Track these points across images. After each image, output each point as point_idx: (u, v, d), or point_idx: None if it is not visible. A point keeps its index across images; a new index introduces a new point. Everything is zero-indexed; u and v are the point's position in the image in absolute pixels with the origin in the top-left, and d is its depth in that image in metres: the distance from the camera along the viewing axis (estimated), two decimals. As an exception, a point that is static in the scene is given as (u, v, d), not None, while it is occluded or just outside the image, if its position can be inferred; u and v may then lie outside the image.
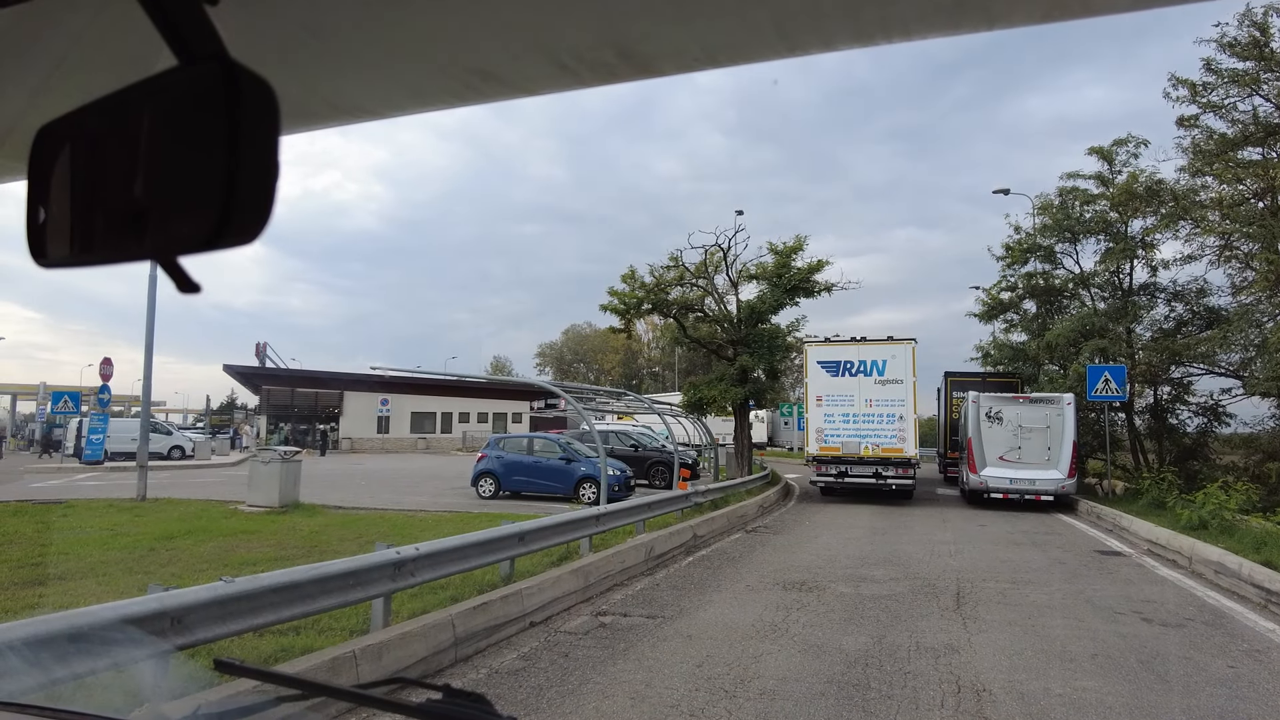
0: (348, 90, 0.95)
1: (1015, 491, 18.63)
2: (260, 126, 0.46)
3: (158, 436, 29.63)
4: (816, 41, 0.83)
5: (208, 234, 0.45)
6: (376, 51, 0.88)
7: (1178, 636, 7.33)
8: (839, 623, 7.53)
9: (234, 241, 0.46)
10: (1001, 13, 0.75)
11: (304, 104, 0.97)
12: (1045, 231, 23.86)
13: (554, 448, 18.79)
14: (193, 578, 7.50)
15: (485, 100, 0.95)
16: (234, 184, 0.44)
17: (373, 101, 0.97)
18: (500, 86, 0.92)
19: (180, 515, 13.23)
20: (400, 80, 0.94)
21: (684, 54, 0.85)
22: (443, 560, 6.78)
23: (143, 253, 0.49)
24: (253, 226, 0.46)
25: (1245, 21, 17.99)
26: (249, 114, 0.46)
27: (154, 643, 4.13)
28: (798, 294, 22.83)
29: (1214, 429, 21.67)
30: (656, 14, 0.79)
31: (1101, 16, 0.79)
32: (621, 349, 73.36)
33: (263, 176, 0.46)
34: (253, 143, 0.46)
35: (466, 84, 0.92)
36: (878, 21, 0.78)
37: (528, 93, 0.94)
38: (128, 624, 3.95)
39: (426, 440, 45.60)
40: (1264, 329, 18.12)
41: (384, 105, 0.97)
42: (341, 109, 0.99)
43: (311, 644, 5.58)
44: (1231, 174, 18.70)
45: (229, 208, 0.44)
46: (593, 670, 5.98)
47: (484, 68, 0.89)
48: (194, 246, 0.46)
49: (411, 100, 0.98)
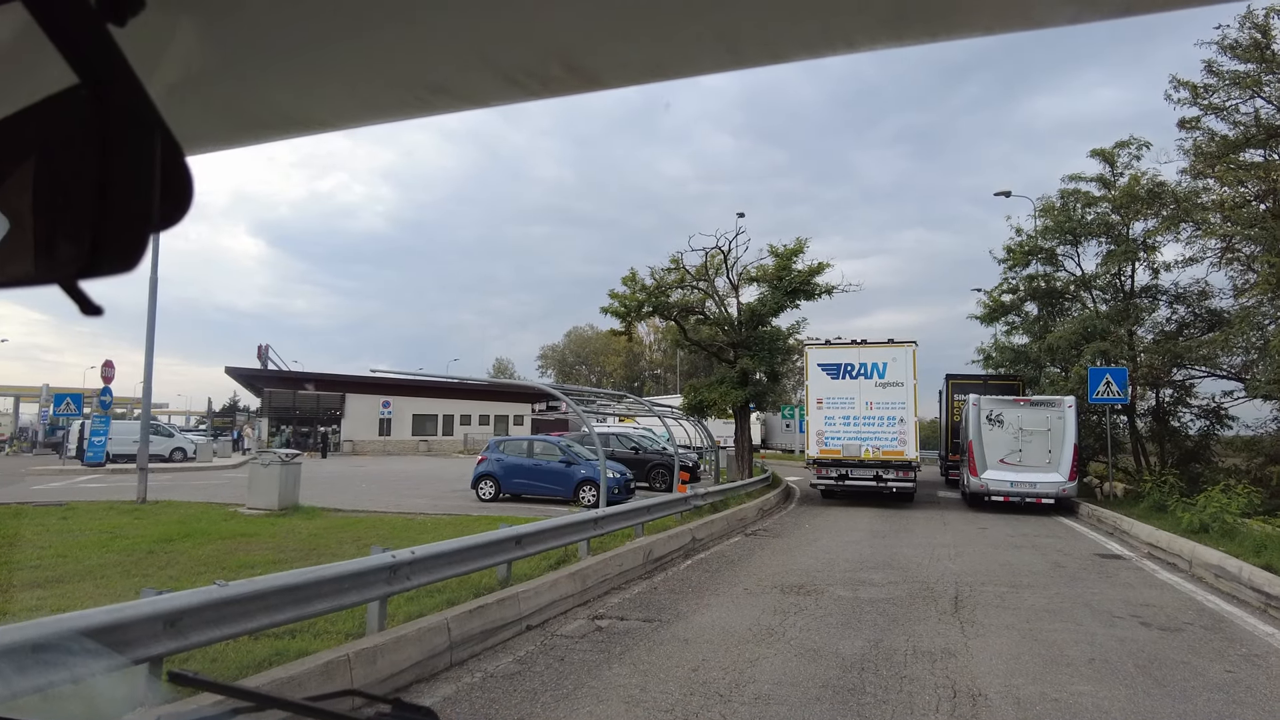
0: (300, 103, 0.95)
1: (1016, 494, 18.58)
2: (140, 152, 0.46)
3: (159, 439, 29.69)
4: (762, 54, 0.83)
5: (85, 261, 0.45)
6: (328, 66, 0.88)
7: (1176, 641, 7.30)
8: (836, 626, 7.52)
9: (108, 269, 0.46)
10: (942, 27, 0.75)
11: (256, 115, 0.97)
12: (1047, 234, 23.81)
13: (554, 450, 18.80)
14: (190, 581, 7.51)
15: (437, 112, 0.95)
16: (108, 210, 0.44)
17: (325, 114, 0.97)
18: (451, 99, 0.92)
19: (180, 518, 13.25)
20: (352, 94, 0.94)
21: (630, 67, 0.85)
22: (439, 564, 6.79)
23: (34, 278, 0.49)
24: (128, 254, 0.46)
25: (1246, 23, 17.97)
26: (133, 139, 0.45)
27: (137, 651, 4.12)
28: (798, 296, 22.81)
29: (1216, 432, 21.58)
30: (601, 29, 0.80)
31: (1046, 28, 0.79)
32: (623, 351, 73.38)
33: (140, 203, 0.45)
34: (133, 168, 0.45)
35: (418, 97, 0.92)
36: (820, 34, 0.78)
37: (479, 105, 0.95)
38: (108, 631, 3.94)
39: (428, 442, 45.63)
40: (1266, 331, 18.05)
41: (337, 117, 0.98)
42: (295, 121, 0.99)
43: (307, 647, 5.58)
44: (1233, 176, 18.64)
45: (103, 234, 0.44)
46: (588, 674, 5.97)
47: (434, 82, 0.90)
48: (73, 272, 0.46)
49: (364, 113, 0.99)
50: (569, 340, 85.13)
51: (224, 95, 0.92)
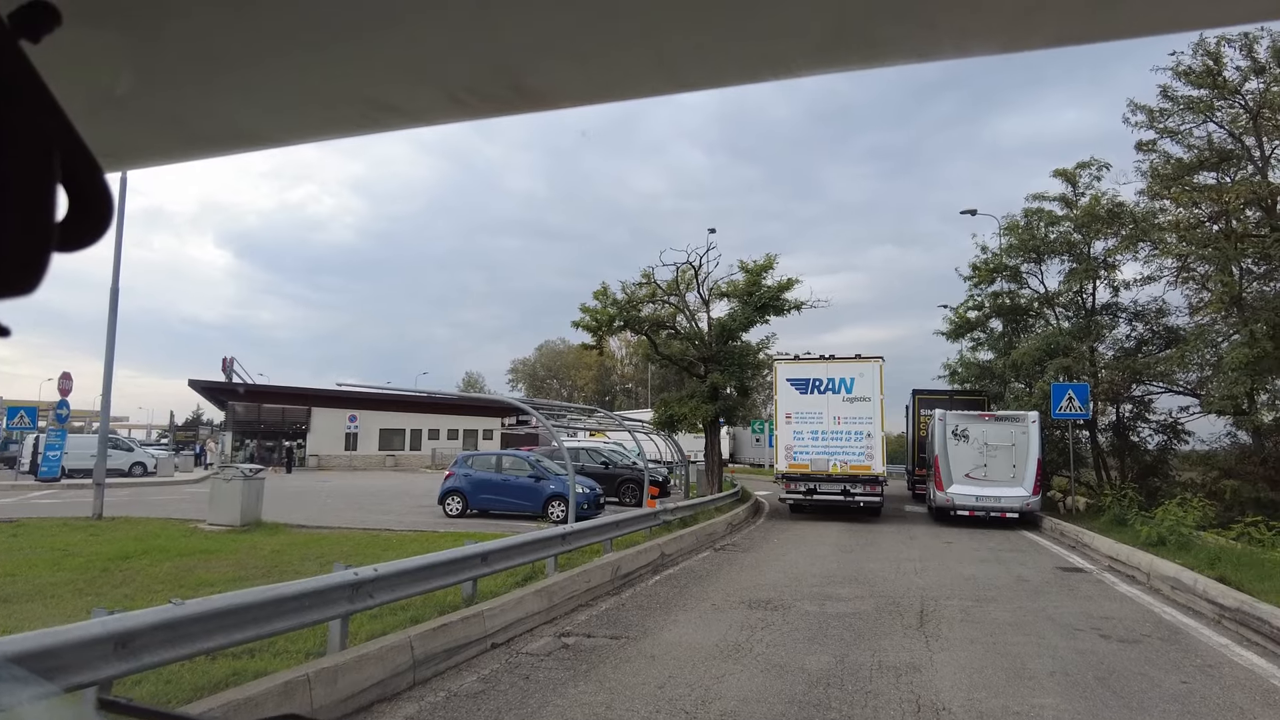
0: (245, 119, 0.94)
1: (981, 509, 18.81)
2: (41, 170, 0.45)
3: (118, 453, 28.98)
4: (703, 78, 0.84)
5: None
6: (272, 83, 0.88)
7: (1134, 653, 7.42)
8: (803, 642, 7.53)
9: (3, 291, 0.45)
10: (874, 54, 0.77)
11: (201, 131, 0.96)
12: (1011, 252, 24.30)
13: (523, 465, 18.67)
14: (145, 599, 7.33)
15: (385, 129, 0.95)
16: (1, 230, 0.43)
17: (271, 130, 0.96)
18: (398, 116, 0.92)
19: (137, 534, 12.93)
20: (298, 110, 0.94)
21: (574, 88, 0.86)
22: (402, 581, 6.70)
23: None
24: (26, 276, 0.45)
25: (1199, 51, 18.58)
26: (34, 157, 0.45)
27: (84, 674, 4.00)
28: (768, 312, 22.99)
29: (1174, 446, 22.12)
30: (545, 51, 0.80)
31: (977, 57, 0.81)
32: (595, 365, 73.28)
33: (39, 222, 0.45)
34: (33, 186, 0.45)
35: (365, 114, 0.92)
36: (758, 60, 0.79)
37: (426, 122, 0.95)
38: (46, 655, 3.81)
39: (395, 457, 45.05)
40: (1219, 349, 18.57)
41: (284, 133, 0.97)
42: (242, 136, 0.99)
43: (266, 667, 5.47)
44: (1188, 197, 19.22)
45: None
46: (553, 692, 5.92)
47: (381, 99, 0.90)
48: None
49: (312, 129, 0.98)
50: (540, 354, 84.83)
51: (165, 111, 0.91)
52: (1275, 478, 17.34)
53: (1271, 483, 17.09)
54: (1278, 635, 7.60)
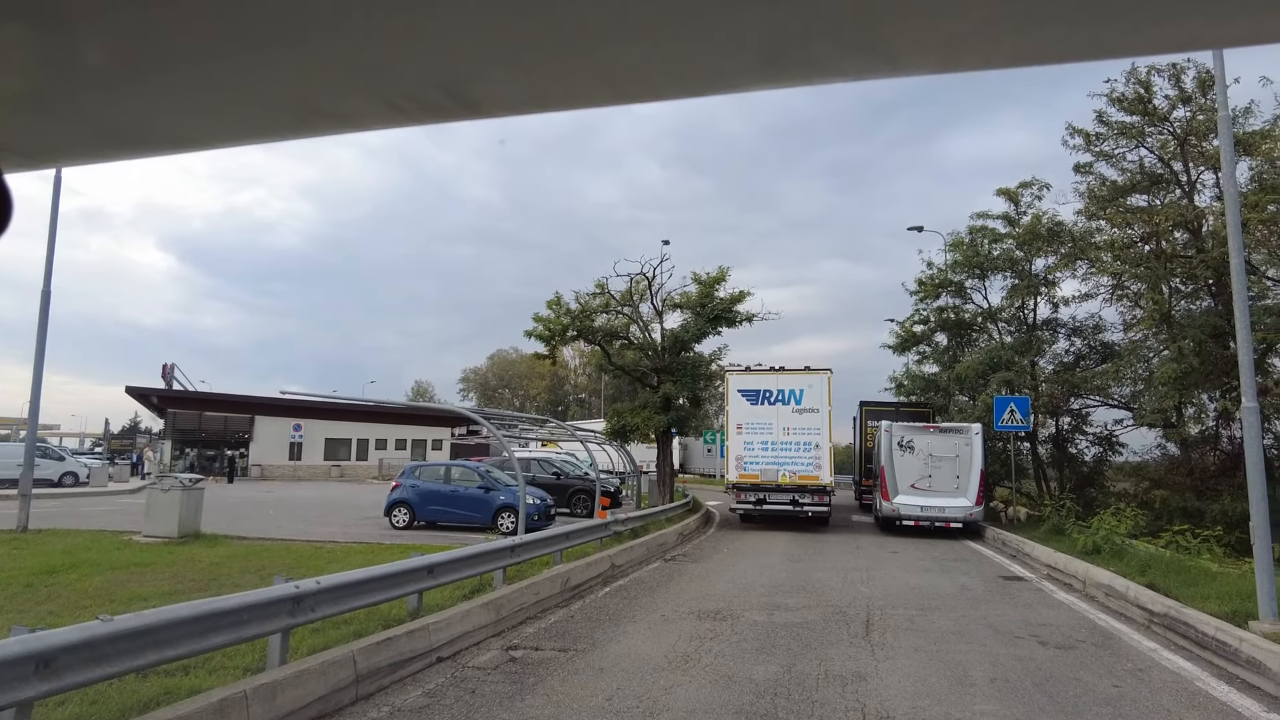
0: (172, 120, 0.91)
1: (926, 519, 19.18)
2: None
3: (47, 462, 27.78)
4: (644, 91, 0.84)
5: None
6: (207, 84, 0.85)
7: (1069, 658, 7.64)
8: (750, 652, 7.57)
9: None
10: (815, 71, 0.78)
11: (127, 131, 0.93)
12: (956, 268, 24.96)
13: (473, 476, 18.43)
14: (72, 616, 7.02)
15: (320, 134, 0.93)
16: None
17: (199, 132, 0.94)
18: (333, 121, 0.91)
19: (66, 547, 12.40)
20: (231, 113, 0.91)
21: (513, 98, 0.86)
22: (345, 594, 6.55)
23: None
24: None
25: (1131, 79, 19.39)
26: None
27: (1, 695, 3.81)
28: (720, 323, 23.16)
29: (1109, 458, 22.90)
30: (484, 59, 0.80)
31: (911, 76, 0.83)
32: (548, 375, 72.86)
33: None
34: None
35: (299, 118, 0.90)
36: (701, 74, 0.80)
37: (362, 128, 0.93)
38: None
39: (341, 467, 44.10)
40: (1150, 364, 19.32)
41: (212, 136, 0.95)
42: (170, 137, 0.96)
43: (200, 684, 5.29)
44: (1122, 218, 19.99)
45: None
46: (499, 706, 5.84)
47: (315, 104, 0.88)
48: None
49: (245, 132, 0.96)
50: (492, 363, 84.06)
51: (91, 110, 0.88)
52: (1201, 488, 18.07)
53: (1198, 492, 17.81)
54: (1202, 639, 7.90)
